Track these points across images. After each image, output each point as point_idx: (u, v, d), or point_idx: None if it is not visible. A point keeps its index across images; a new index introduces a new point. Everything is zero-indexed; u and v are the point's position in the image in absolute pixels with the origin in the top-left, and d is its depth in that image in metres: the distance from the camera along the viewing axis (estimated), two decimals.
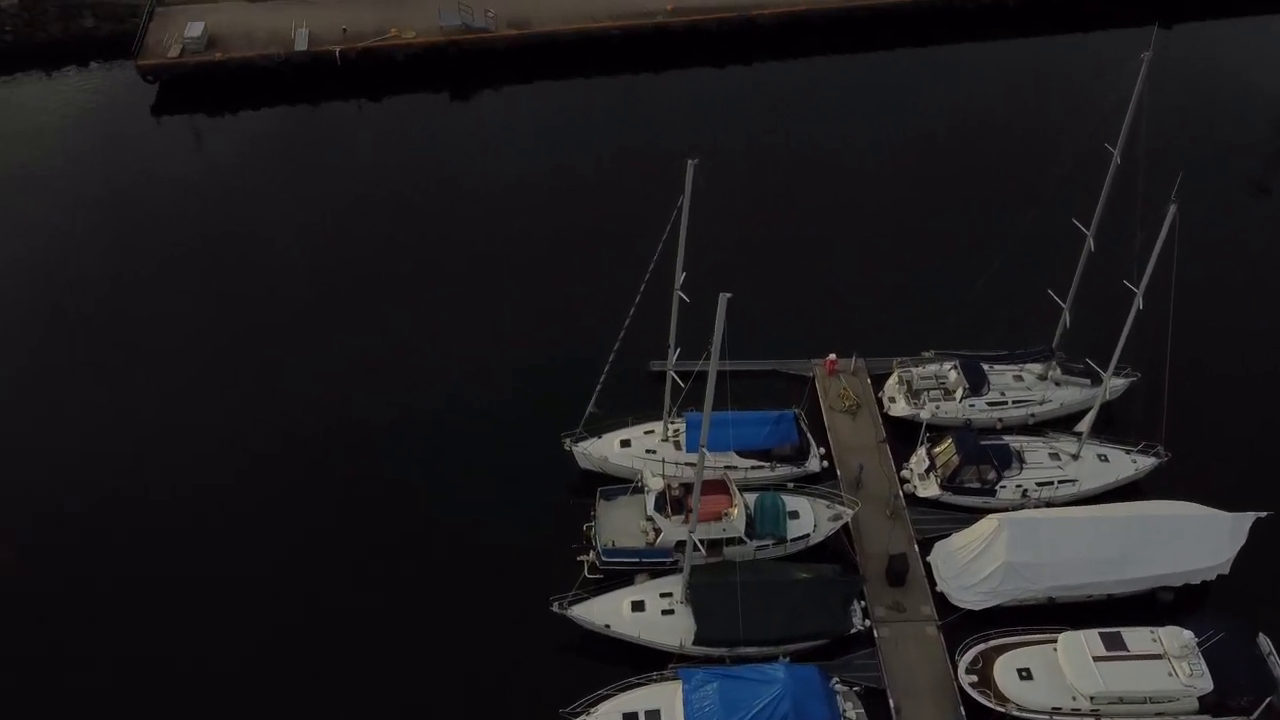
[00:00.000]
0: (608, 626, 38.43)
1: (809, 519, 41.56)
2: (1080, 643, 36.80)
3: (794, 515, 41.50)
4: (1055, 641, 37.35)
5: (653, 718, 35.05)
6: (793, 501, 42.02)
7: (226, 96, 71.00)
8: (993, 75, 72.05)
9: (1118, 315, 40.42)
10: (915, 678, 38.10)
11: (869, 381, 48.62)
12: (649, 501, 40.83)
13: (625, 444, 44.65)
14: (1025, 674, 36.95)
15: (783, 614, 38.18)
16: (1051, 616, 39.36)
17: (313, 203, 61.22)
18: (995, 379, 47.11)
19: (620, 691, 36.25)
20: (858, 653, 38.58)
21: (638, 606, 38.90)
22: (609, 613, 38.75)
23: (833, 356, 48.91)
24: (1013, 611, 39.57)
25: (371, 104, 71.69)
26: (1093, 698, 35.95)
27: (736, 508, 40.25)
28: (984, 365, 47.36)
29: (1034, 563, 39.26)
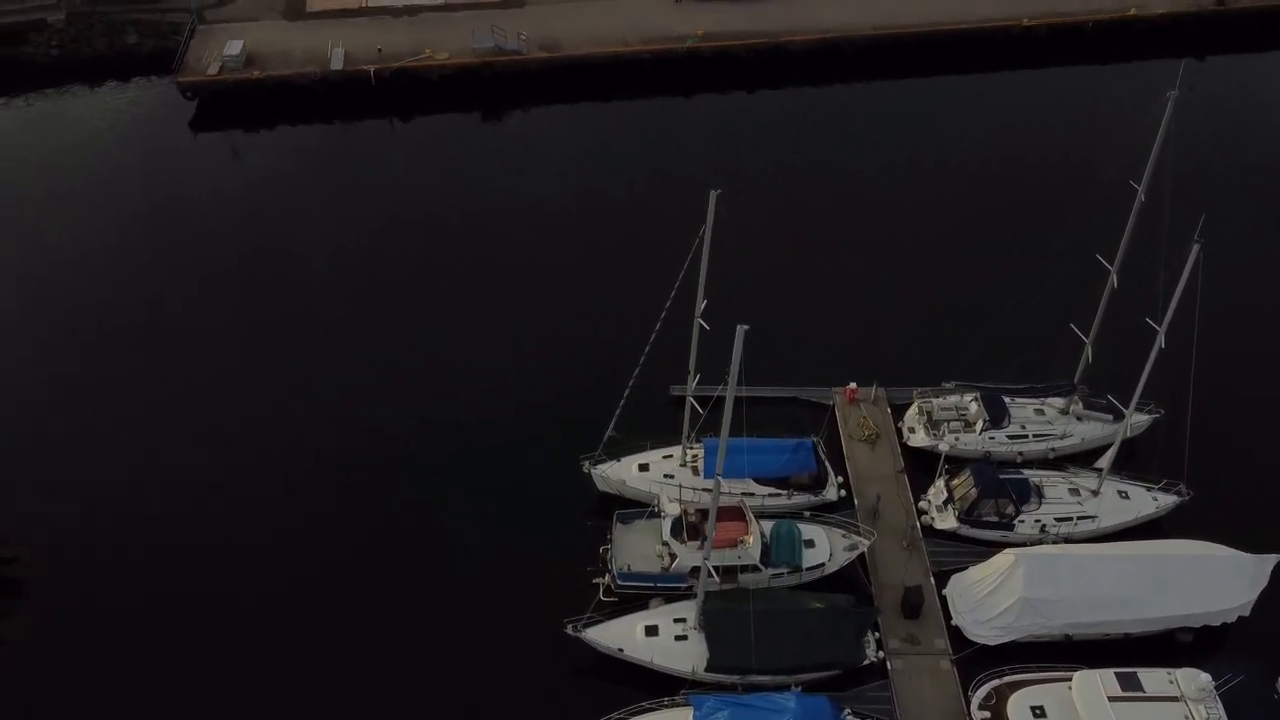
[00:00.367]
0: (621, 650, 38.61)
1: (825, 548, 41.58)
2: (1095, 682, 36.47)
3: (810, 544, 41.54)
4: (1070, 680, 36.99)
5: None
6: (809, 530, 42.07)
7: (263, 113, 72.41)
8: (1019, 106, 72.07)
9: (1140, 351, 40.26)
10: (928, 712, 37.97)
11: (889, 411, 48.64)
12: (665, 526, 41.05)
13: (643, 468, 44.93)
14: (1039, 712, 36.67)
15: (796, 643, 38.21)
16: (1067, 654, 39.10)
17: (345, 219, 62.18)
18: (1016, 412, 47.00)
19: (631, 716, 36.42)
20: (870, 684, 38.47)
21: (651, 631, 39.06)
22: (622, 636, 38.94)
23: (853, 385, 49.01)
24: (1028, 648, 39.34)
25: (404, 123, 72.84)
26: None
27: (752, 535, 40.39)
28: (1005, 398, 47.28)
29: (1051, 599, 39.03)
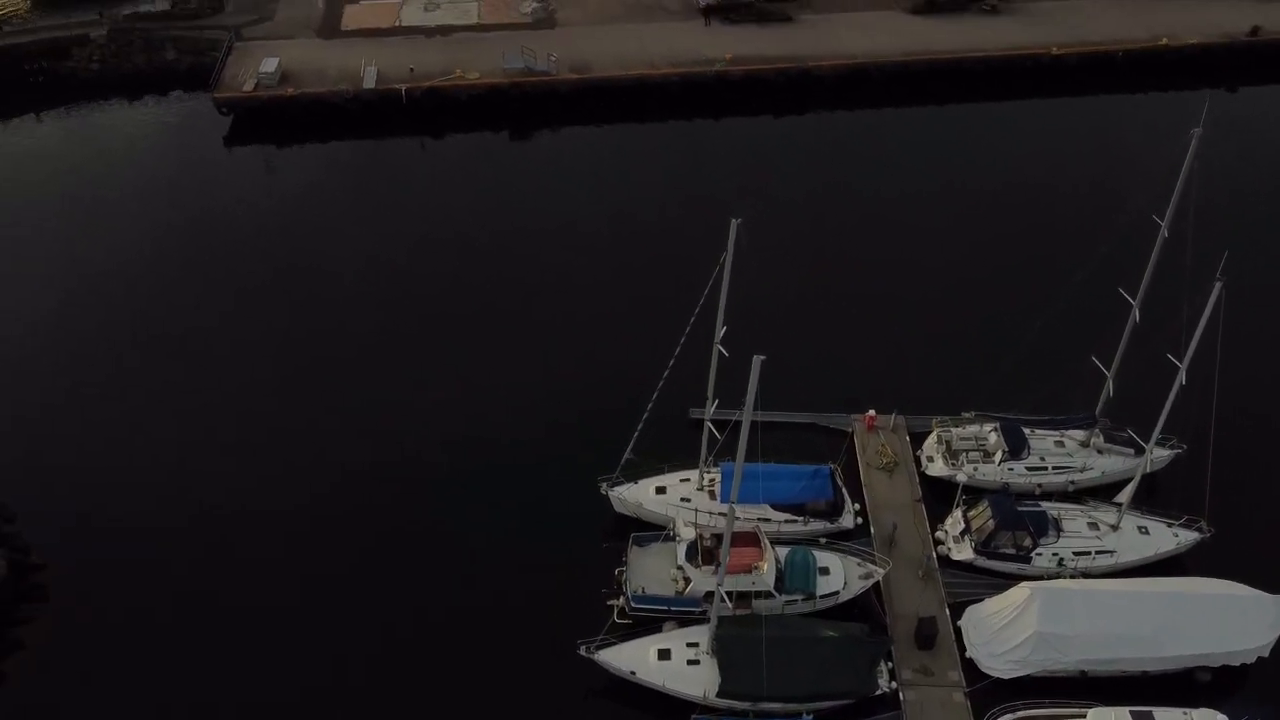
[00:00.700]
0: (633, 673, 38.76)
1: (839, 576, 41.55)
2: None
3: (824, 571, 41.51)
4: (1084, 717, 36.74)
5: None
6: (824, 557, 42.06)
7: (297, 130, 73.72)
8: (1046, 134, 72.03)
9: (1162, 386, 40.06)
10: None
11: (908, 439, 48.58)
12: (680, 550, 41.23)
13: (661, 491, 45.16)
14: None
15: (808, 671, 38.17)
16: (1083, 690, 38.80)
17: (374, 235, 63.09)
18: (1036, 443, 46.83)
19: None
20: (882, 715, 38.35)
21: (664, 655, 39.17)
22: (635, 659, 39.08)
23: (872, 413, 49.01)
24: (1042, 682, 39.06)
25: (434, 141, 73.85)
26: None
27: (767, 561, 40.44)
28: (1025, 429, 47.13)
29: (1066, 634, 38.77)
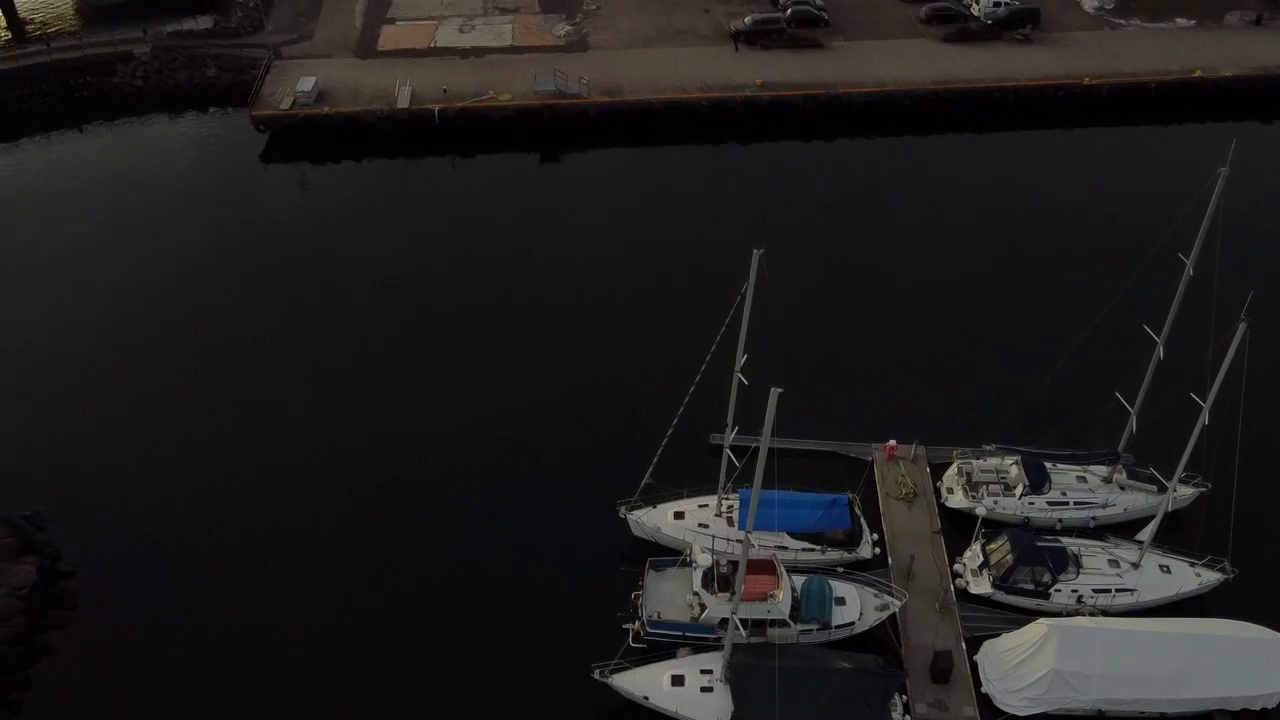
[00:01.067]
0: (646, 699, 38.83)
1: (855, 606, 41.47)
2: None
3: (840, 601, 41.45)
4: None
5: None
6: (840, 587, 42.01)
7: (331, 147, 75.00)
8: (1075, 165, 71.84)
9: (1186, 424, 39.78)
10: None
11: (928, 470, 48.47)
12: (696, 577, 41.32)
13: (679, 516, 45.32)
14: None
15: (821, 702, 38.07)
16: None
17: (402, 253, 63.98)
18: (1057, 478, 46.55)
19: None
20: None
21: (677, 681, 39.22)
22: (649, 684, 39.16)
23: (893, 442, 48.95)
24: None
25: (465, 161, 74.83)
26: None
27: (782, 590, 40.47)
28: (1047, 463, 46.86)
29: (1083, 673, 38.46)
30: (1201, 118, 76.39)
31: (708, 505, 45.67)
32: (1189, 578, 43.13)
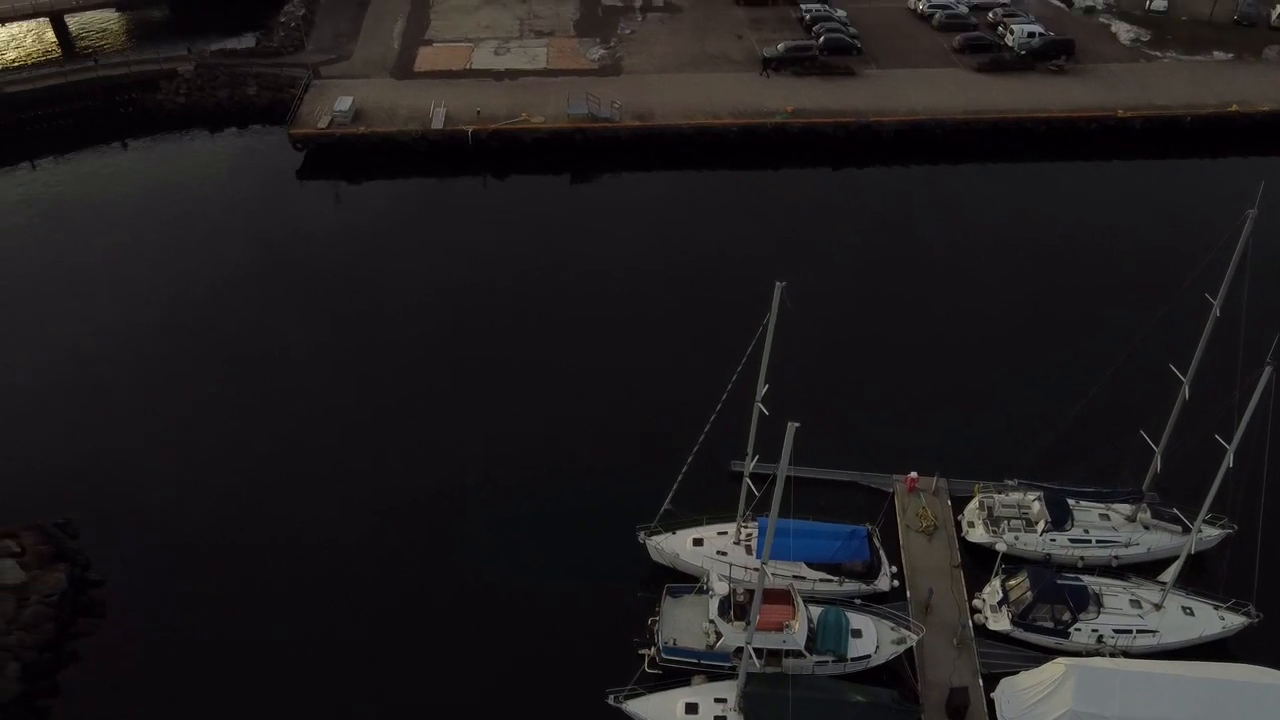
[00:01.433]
0: None
1: (872, 639, 41.36)
2: None
3: (857, 634, 41.35)
4: None
5: None
6: (857, 619, 41.92)
7: (365, 166, 76.39)
8: (1105, 199, 71.56)
9: (1210, 465, 39.38)
10: None
11: (949, 503, 48.28)
12: (712, 605, 41.41)
13: (698, 543, 45.43)
14: None
15: None
16: None
17: (431, 271, 64.86)
18: (1080, 515, 46.21)
19: None
20: None
21: (691, 709, 39.21)
22: (663, 711, 39.18)
23: (914, 474, 48.85)
24: None
25: (496, 182, 75.84)
26: None
27: (798, 620, 40.46)
28: (1069, 499, 46.53)
29: (1101, 715, 37.94)
30: (1237, 152, 75.90)
31: (727, 533, 45.77)
32: (1212, 621, 42.59)
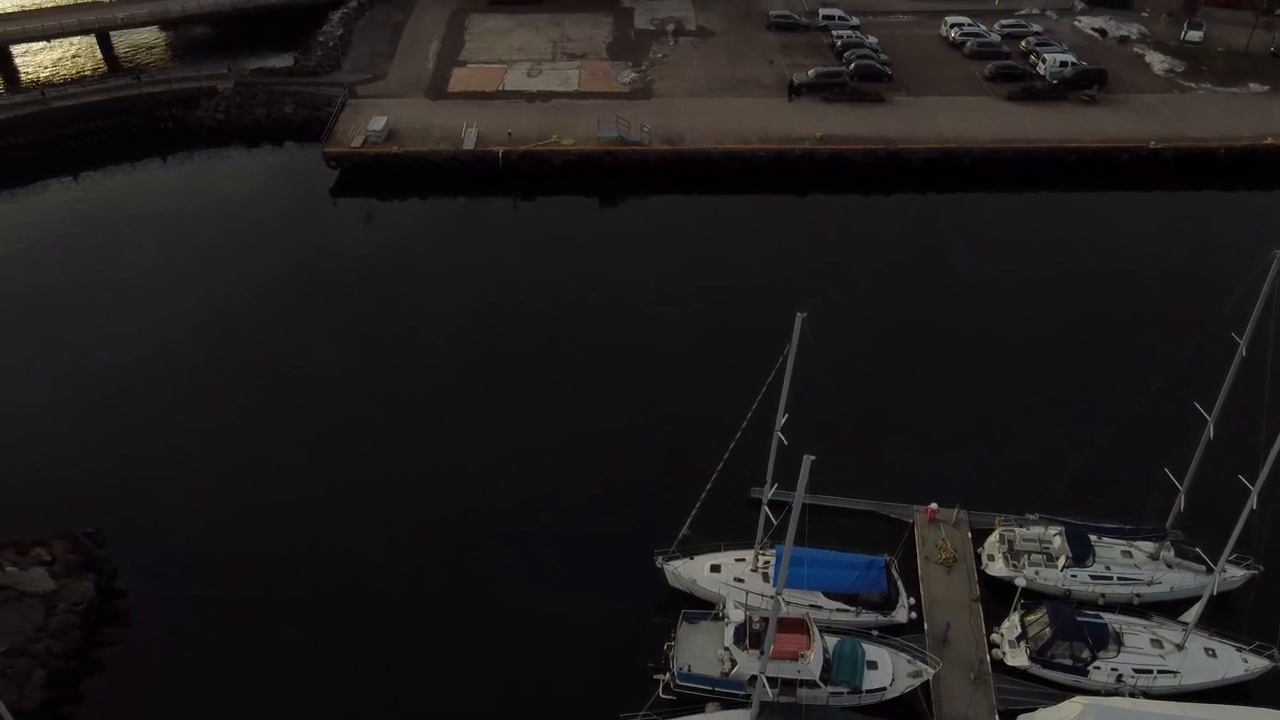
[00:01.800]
0: None
1: (887, 671, 41.18)
2: None
3: (873, 665, 41.20)
4: None
5: None
6: (873, 651, 41.78)
7: (397, 184, 77.52)
8: (1133, 231, 71.12)
9: (1235, 505, 39.05)
10: None
11: (969, 535, 48.00)
12: (728, 632, 41.46)
13: (715, 569, 45.51)
14: None
15: None
16: None
17: (461, 289, 65.60)
18: (1102, 551, 45.81)
19: None
20: None
21: None
22: None
23: (934, 505, 48.66)
24: None
25: (526, 203, 76.64)
26: None
27: (814, 650, 40.40)
28: (1091, 535, 46.17)
29: None
30: (1272, 186, 75.05)
31: (744, 559, 45.84)
32: (1235, 663, 42.01)
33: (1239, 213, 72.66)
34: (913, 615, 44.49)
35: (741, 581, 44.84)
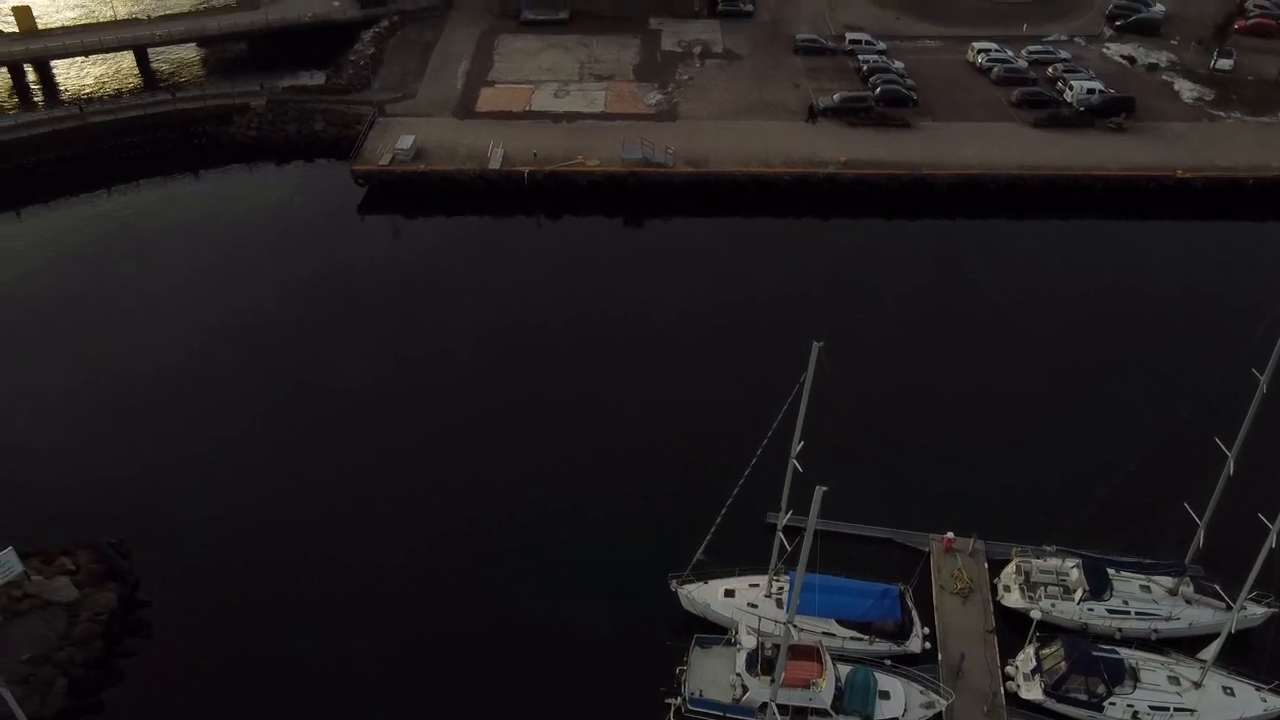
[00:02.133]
0: None
1: (900, 702, 41.02)
2: None
3: (885, 695, 41.07)
4: None
5: None
6: (886, 681, 41.66)
7: (424, 202, 78.44)
8: (1158, 262, 70.62)
9: (1255, 542, 38.73)
10: None
11: (985, 566, 47.79)
12: (740, 658, 41.51)
13: (729, 594, 45.58)
14: None
15: None
16: None
17: (484, 306, 66.18)
18: (1119, 585, 45.45)
19: None
20: None
21: None
22: None
23: (951, 535, 48.50)
24: None
25: (550, 222, 77.29)
26: None
27: (826, 678, 40.36)
28: (1109, 569, 45.82)
29: None
30: None
31: (758, 585, 45.90)
32: (1253, 702, 41.53)
33: (1266, 245, 71.97)
34: (927, 645, 44.36)
35: (755, 607, 44.88)
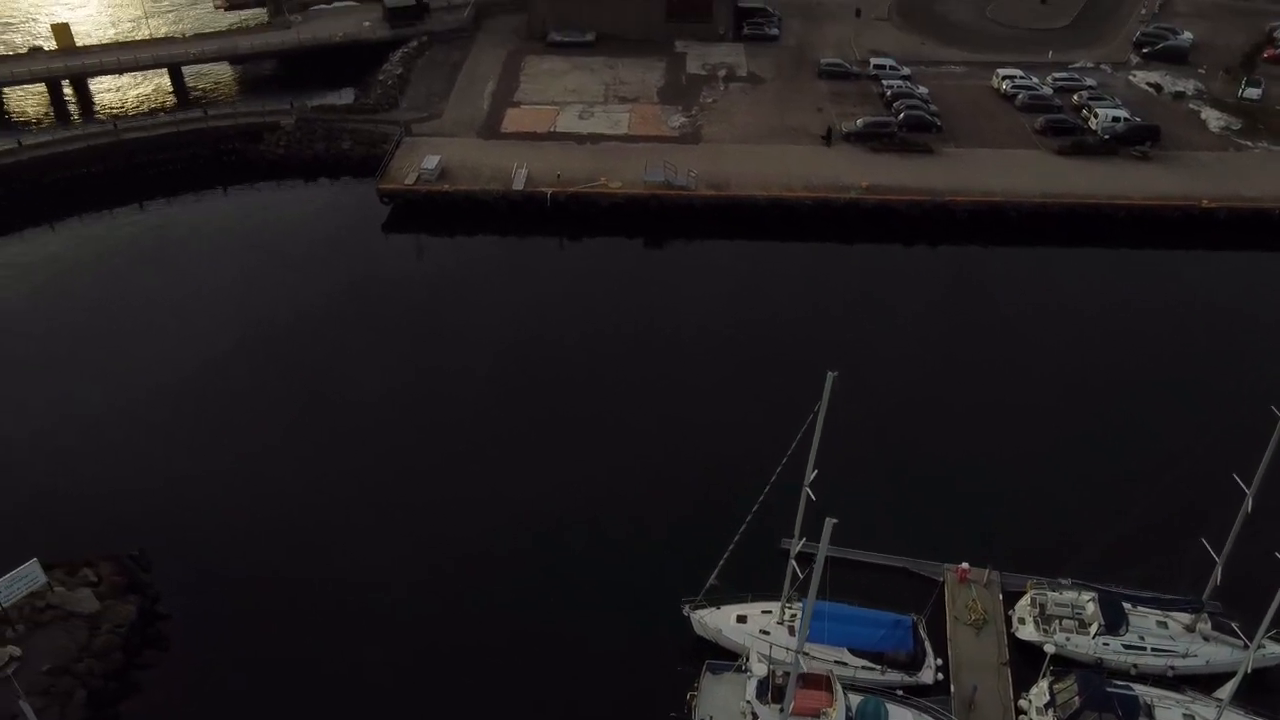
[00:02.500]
0: None
1: None
2: None
3: None
4: None
5: None
6: (897, 712, 41.37)
7: (448, 222, 79.29)
8: (1182, 293, 70.03)
9: (1273, 580, 38.22)
10: None
11: (1000, 597, 47.51)
12: (750, 685, 41.46)
13: (741, 619, 45.54)
14: None
15: None
16: None
17: (506, 326, 66.64)
18: (1136, 620, 45.05)
19: None
20: None
21: None
22: None
23: (966, 565, 48.27)
24: None
25: (572, 243, 77.92)
26: None
27: (836, 708, 40.23)
28: (1125, 603, 45.45)
29: None
30: None
31: (771, 612, 45.88)
32: None
33: None
34: (939, 676, 44.10)
35: (767, 634, 44.84)
